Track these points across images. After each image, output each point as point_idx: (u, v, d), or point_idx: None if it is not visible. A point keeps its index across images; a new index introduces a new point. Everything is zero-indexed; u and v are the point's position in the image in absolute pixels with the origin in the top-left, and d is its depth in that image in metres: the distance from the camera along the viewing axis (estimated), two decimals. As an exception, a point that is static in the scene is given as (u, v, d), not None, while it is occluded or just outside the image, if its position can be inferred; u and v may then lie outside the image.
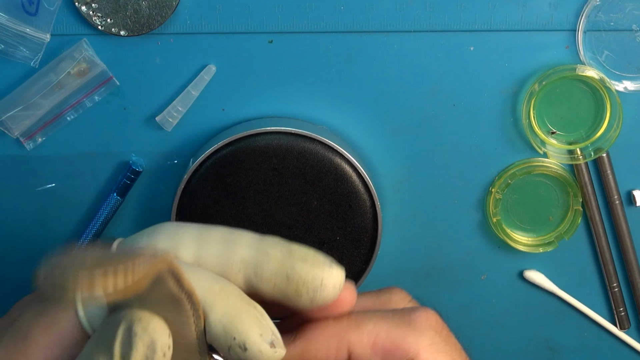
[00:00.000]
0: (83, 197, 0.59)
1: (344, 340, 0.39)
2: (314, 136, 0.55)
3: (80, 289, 0.31)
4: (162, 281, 0.34)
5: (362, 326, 0.39)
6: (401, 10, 0.56)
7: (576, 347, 0.64)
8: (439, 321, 0.40)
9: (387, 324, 0.39)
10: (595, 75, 0.56)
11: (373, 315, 0.40)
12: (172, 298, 0.35)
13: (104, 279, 0.31)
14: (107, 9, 0.55)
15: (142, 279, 0.32)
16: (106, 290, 0.31)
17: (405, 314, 0.40)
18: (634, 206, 0.60)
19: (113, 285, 0.31)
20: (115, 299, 0.31)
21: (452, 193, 0.60)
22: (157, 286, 0.34)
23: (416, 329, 0.39)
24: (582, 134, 0.58)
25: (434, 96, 0.58)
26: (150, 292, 0.34)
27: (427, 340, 0.39)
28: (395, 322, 0.39)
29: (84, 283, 0.31)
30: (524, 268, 0.62)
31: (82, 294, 0.31)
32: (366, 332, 0.39)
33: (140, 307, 0.36)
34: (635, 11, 0.56)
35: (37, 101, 0.56)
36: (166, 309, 0.36)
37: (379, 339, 0.39)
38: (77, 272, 0.31)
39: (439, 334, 0.39)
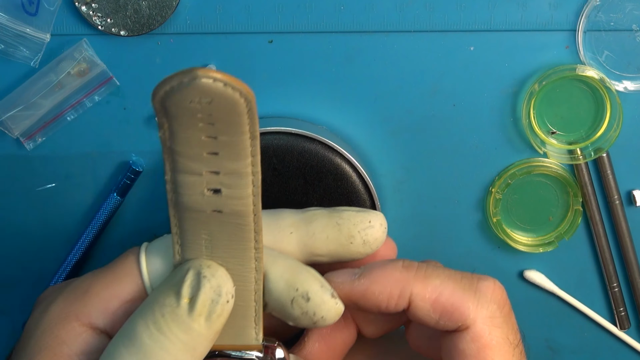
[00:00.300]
0: (83, 197, 0.59)
1: (408, 289, 0.39)
2: (314, 136, 0.55)
3: (203, 71, 0.32)
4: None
5: (429, 280, 0.39)
6: (401, 10, 0.56)
7: (576, 347, 0.64)
8: (504, 296, 0.40)
9: (453, 285, 0.39)
10: (595, 75, 0.56)
11: (442, 272, 0.40)
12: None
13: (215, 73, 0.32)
14: (107, 9, 0.55)
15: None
16: (218, 76, 0.32)
17: (473, 279, 0.40)
18: (634, 206, 0.60)
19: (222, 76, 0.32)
20: (227, 80, 0.32)
21: (452, 193, 0.60)
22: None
23: (480, 298, 0.39)
24: (582, 134, 0.58)
25: (434, 96, 0.58)
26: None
27: (487, 312, 0.39)
28: (461, 285, 0.39)
29: (203, 70, 0.32)
30: (524, 268, 0.62)
31: (204, 73, 0.32)
32: (431, 286, 0.39)
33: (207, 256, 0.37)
34: (635, 11, 0.56)
35: (37, 101, 0.56)
36: (231, 258, 0.37)
37: (442, 297, 0.39)
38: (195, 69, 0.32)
39: (500, 309, 0.39)
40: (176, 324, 0.36)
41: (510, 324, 0.39)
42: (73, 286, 0.40)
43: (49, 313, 0.39)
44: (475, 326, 0.38)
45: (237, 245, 0.37)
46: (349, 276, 0.40)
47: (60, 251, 0.60)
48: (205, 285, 0.36)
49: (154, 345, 0.36)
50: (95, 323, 0.39)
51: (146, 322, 0.36)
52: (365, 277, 0.39)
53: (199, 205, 0.36)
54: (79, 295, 0.39)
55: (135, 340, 0.36)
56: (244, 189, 0.36)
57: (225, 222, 0.37)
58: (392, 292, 0.39)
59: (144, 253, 0.40)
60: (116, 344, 0.36)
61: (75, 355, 0.38)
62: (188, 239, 0.38)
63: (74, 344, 0.38)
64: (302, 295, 0.39)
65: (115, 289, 0.39)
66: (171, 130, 0.34)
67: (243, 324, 0.39)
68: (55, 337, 0.38)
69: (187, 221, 0.37)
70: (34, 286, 0.61)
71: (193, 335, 0.36)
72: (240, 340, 0.39)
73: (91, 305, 0.39)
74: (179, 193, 0.36)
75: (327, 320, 0.39)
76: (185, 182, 0.35)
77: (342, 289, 0.39)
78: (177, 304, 0.36)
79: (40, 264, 0.61)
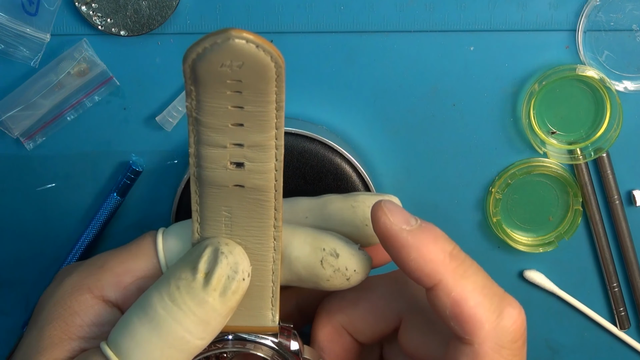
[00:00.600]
0: (83, 197, 0.59)
1: (439, 276, 0.37)
2: (314, 136, 0.55)
3: (236, 31, 0.32)
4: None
5: (464, 281, 0.38)
6: (401, 10, 0.56)
7: (576, 347, 0.64)
8: (522, 330, 0.38)
9: (482, 298, 0.37)
10: (595, 75, 0.56)
11: (479, 278, 0.38)
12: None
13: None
14: (107, 9, 0.55)
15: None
16: (251, 37, 0.32)
17: (504, 301, 0.38)
18: (634, 206, 0.60)
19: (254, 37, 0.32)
20: (257, 41, 0.32)
21: (452, 193, 0.60)
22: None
23: (499, 324, 0.38)
24: (582, 134, 0.58)
25: (434, 96, 0.58)
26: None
27: (499, 341, 0.37)
28: (489, 302, 0.37)
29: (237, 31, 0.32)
30: (524, 268, 0.62)
31: (236, 33, 0.32)
32: (461, 288, 0.37)
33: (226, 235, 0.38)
34: (635, 11, 0.56)
35: (37, 101, 0.56)
36: (250, 236, 0.37)
37: (465, 303, 0.37)
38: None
39: (512, 343, 0.38)
40: (190, 296, 0.36)
41: (518, 358, 0.38)
42: (89, 262, 0.41)
43: (63, 286, 0.40)
44: (482, 348, 0.37)
45: (256, 223, 0.38)
46: (404, 222, 0.38)
47: (60, 251, 0.60)
48: (222, 262, 0.37)
49: (167, 316, 0.36)
50: (107, 296, 0.39)
51: (161, 293, 0.36)
52: (414, 237, 0.38)
53: (222, 179, 0.36)
54: (94, 270, 0.40)
55: (148, 310, 0.36)
56: (267, 162, 0.36)
57: (246, 198, 0.37)
58: (424, 268, 0.38)
59: (161, 234, 0.40)
60: (130, 315, 0.37)
61: (87, 326, 0.39)
62: (208, 217, 0.38)
63: (85, 315, 0.39)
64: (330, 253, 0.39)
65: (130, 265, 0.40)
66: (199, 99, 0.34)
67: (260, 305, 0.39)
68: (68, 307, 0.39)
69: (208, 196, 0.37)
70: (34, 286, 0.61)
71: (207, 309, 0.36)
72: (257, 322, 0.39)
73: (105, 279, 0.39)
74: (202, 167, 0.36)
75: (360, 274, 0.39)
76: (209, 155, 0.36)
77: (389, 227, 0.37)
78: (193, 278, 0.36)
79: (40, 264, 0.61)
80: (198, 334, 0.36)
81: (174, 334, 0.36)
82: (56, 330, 0.38)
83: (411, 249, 0.37)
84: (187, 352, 0.37)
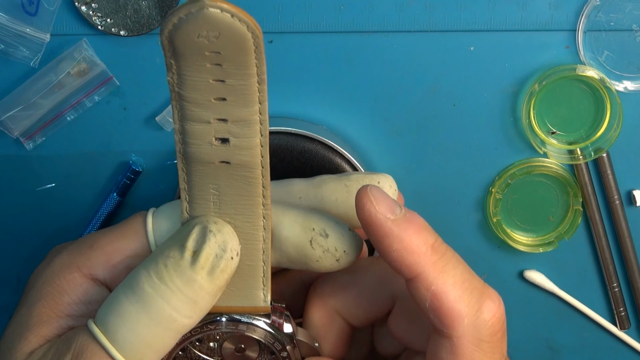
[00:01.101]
0: (83, 197, 0.59)
1: (419, 268, 0.37)
2: (314, 136, 0.55)
3: (210, 0, 0.32)
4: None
5: (444, 274, 0.37)
6: (401, 10, 0.56)
7: (576, 347, 0.64)
8: (501, 322, 0.38)
9: (462, 292, 0.37)
10: (595, 75, 0.56)
11: (460, 272, 0.38)
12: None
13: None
14: (107, 9, 0.55)
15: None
16: (226, 6, 0.32)
17: (483, 295, 0.38)
18: (634, 206, 0.60)
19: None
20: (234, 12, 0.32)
21: (452, 193, 0.60)
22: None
23: (478, 318, 0.37)
24: (582, 134, 0.58)
25: (434, 96, 0.58)
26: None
27: (477, 335, 0.37)
28: (468, 296, 0.37)
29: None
30: (524, 268, 0.62)
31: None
32: (442, 282, 0.37)
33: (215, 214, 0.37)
34: (635, 11, 0.56)
35: (37, 101, 0.56)
36: (239, 215, 0.37)
37: (444, 297, 0.37)
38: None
39: (491, 336, 0.37)
40: (178, 274, 0.36)
41: (497, 350, 0.38)
42: (79, 241, 0.41)
43: (53, 264, 0.40)
44: (461, 342, 0.37)
45: (245, 201, 0.37)
46: (389, 210, 0.37)
47: (60, 251, 0.60)
48: (211, 240, 0.36)
49: (155, 295, 0.36)
50: (96, 275, 0.39)
51: (149, 272, 0.36)
52: (398, 227, 0.37)
53: (207, 155, 0.36)
54: (84, 249, 0.40)
55: (136, 288, 0.36)
56: (252, 138, 0.36)
57: (233, 175, 0.37)
58: (405, 260, 0.37)
59: (151, 214, 0.40)
60: (117, 293, 0.37)
61: (75, 304, 0.39)
62: (196, 195, 0.38)
63: (74, 293, 0.39)
64: (320, 233, 0.39)
65: (119, 244, 0.40)
66: (179, 72, 0.34)
67: (251, 285, 0.39)
68: (57, 286, 0.39)
69: (195, 174, 0.37)
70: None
71: (194, 288, 0.36)
72: (249, 302, 0.39)
73: (94, 258, 0.39)
74: (187, 143, 0.36)
75: (350, 255, 0.39)
76: (193, 131, 0.36)
77: (374, 215, 0.37)
78: (181, 256, 0.36)
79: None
80: (186, 313, 0.36)
81: (161, 312, 0.36)
82: (45, 308, 0.39)
83: (394, 239, 0.37)
84: (174, 331, 0.37)
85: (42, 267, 0.41)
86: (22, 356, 0.38)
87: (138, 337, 0.36)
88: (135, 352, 0.36)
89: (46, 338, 0.38)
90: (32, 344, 0.38)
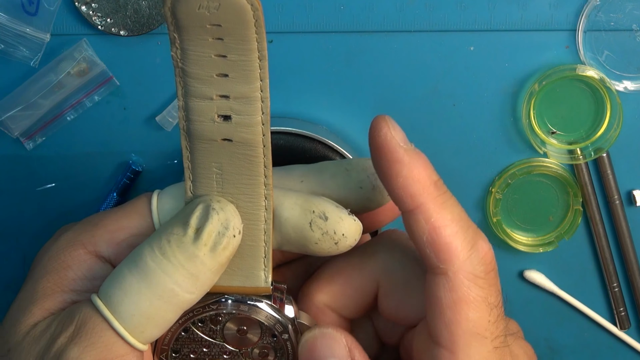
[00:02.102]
0: (83, 197, 0.59)
1: (420, 199, 0.38)
2: (314, 136, 0.55)
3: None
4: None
5: (443, 209, 0.38)
6: (401, 10, 0.56)
7: (576, 347, 0.64)
8: (493, 262, 0.39)
9: (459, 229, 0.38)
10: (595, 75, 0.56)
11: (458, 210, 0.38)
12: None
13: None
14: (107, 9, 0.55)
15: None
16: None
17: (477, 235, 0.38)
18: (634, 206, 0.60)
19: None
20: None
21: (452, 193, 0.60)
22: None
23: (472, 254, 0.38)
24: (582, 134, 0.58)
25: (434, 96, 0.58)
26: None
27: (473, 270, 0.38)
28: (465, 233, 0.38)
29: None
30: (524, 268, 0.62)
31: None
32: (441, 216, 0.38)
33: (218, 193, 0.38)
34: (635, 11, 0.56)
35: (37, 101, 0.56)
36: (241, 194, 0.38)
37: (442, 231, 0.38)
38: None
39: (486, 273, 0.38)
40: (180, 250, 0.37)
41: (493, 286, 0.38)
42: (85, 220, 0.42)
43: (59, 242, 0.41)
44: (457, 277, 0.37)
45: (247, 180, 0.38)
46: (403, 140, 0.39)
47: (60, 251, 0.60)
48: (213, 217, 0.37)
49: (157, 268, 0.37)
50: (100, 251, 0.40)
51: (152, 247, 0.37)
52: (410, 156, 0.38)
53: (210, 133, 0.37)
54: (89, 228, 0.41)
55: (139, 263, 0.37)
56: (254, 115, 0.37)
57: (235, 154, 0.37)
58: (410, 188, 0.38)
59: (156, 194, 0.41)
60: (121, 267, 0.38)
61: (79, 280, 0.40)
62: (199, 174, 0.38)
63: (78, 269, 0.40)
64: (319, 216, 0.39)
65: (124, 222, 0.41)
66: (182, 46, 0.35)
67: (252, 265, 0.40)
68: (62, 262, 0.40)
69: (199, 152, 0.38)
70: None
71: (196, 263, 0.37)
72: (250, 283, 0.40)
73: (99, 235, 0.40)
74: (190, 120, 0.37)
75: (349, 239, 0.39)
76: (196, 107, 0.36)
77: (389, 140, 0.38)
78: (184, 233, 0.37)
79: (40, 264, 0.61)
80: (187, 288, 0.37)
81: (163, 285, 0.37)
82: (49, 283, 0.39)
83: (404, 166, 0.38)
84: (176, 305, 0.37)
85: (48, 244, 0.41)
86: (26, 328, 0.38)
87: (140, 310, 0.37)
88: (137, 324, 0.37)
89: (50, 311, 0.39)
90: (36, 317, 0.39)
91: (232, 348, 0.41)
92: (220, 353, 0.41)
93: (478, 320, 0.38)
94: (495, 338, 0.38)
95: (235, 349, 0.41)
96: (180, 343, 0.41)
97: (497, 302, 0.38)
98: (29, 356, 0.38)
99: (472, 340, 0.37)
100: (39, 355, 0.38)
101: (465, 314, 0.37)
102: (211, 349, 0.41)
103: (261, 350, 0.41)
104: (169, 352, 0.41)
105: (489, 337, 0.38)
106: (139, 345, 0.37)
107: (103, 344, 0.37)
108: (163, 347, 0.41)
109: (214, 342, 0.41)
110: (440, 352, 0.38)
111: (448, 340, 0.38)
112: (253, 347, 0.41)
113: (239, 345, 0.41)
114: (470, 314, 0.37)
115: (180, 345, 0.41)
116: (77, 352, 0.37)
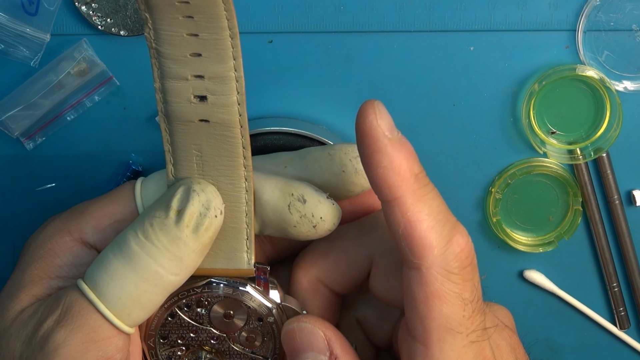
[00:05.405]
0: (83, 197, 0.59)
1: (399, 192, 0.37)
2: (314, 136, 0.55)
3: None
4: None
5: (421, 203, 0.38)
6: (401, 10, 0.56)
7: (576, 347, 0.64)
8: (470, 256, 0.38)
9: (435, 223, 0.37)
10: (595, 75, 0.56)
11: (436, 204, 0.38)
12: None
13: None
14: (107, 9, 0.55)
15: None
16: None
17: (454, 229, 0.38)
18: (634, 206, 0.60)
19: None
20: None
21: (451, 193, 0.60)
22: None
23: (447, 250, 0.37)
24: (582, 134, 0.59)
25: (434, 96, 0.58)
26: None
27: (446, 266, 0.37)
28: (441, 228, 0.37)
29: None
30: (524, 268, 0.62)
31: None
32: (417, 210, 0.37)
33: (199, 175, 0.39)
34: (635, 11, 0.56)
35: (37, 101, 0.56)
36: (222, 176, 0.39)
37: (418, 225, 0.37)
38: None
39: (461, 269, 0.38)
40: (163, 233, 0.37)
41: (468, 282, 0.38)
42: (72, 209, 0.43)
43: (46, 230, 0.42)
44: (430, 273, 0.37)
45: (226, 162, 0.38)
46: (389, 129, 0.38)
47: (60, 251, 0.60)
48: (194, 199, 0.38)
49: (141, 252, 0.37)
50: (86, 238, 0.41)
51: (135, 231, 0.38)
52: (393, 147, 0.37)
53: (187, 114, 0.37)
54: (75, 216, 0.42)
55: (123, 247, 0.38)
56: (229, 95, 0.37)
57: (213, 135, 0.38)
58: (389, 179, 0.38)
59: (140, 181, 0.42)
60: (106, 252, 0.38)
61: (66, 266, 0.40)
62: (180, 156, 0.39)
63: (64, 256, 0.41)
64: (297, 199, 0.40)
65: (109, 209, 0.41)
66: (154, 26, 0.35)
67: (235, 247, 0.40)
68: (48, 249, 0.41)
69: (178, 134, 0.38)
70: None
71: (179, 245, 0.37)
72: (233, 265, 0.40)
73: (84, 222, 0.41)
74: (167, 102, 0.37)
75: (327, 223, 0.40)
76: (172, 88, 0.37)
77: (374, 128, 0.37)
78: (166, 216, 0.37)
79: (40, 263, 0.61)
80: (172, 270, 0.38)
81: (147, 268, 0.37)
82: (37, 270, 0.40)
83: (385, 156, 0.37)
84: (161, 287, 0.38)
85: (36, 233, 0.42)
86: (14, 314, 0.39)
87: (125, 293, 0.37)
88: (123, 307, 0.37)
89: (37, 297, 0.40)
90: (23, 303, 0.39)
91: (220, 333, 0.42)
92: (207, 338, 0.42)
93: (451, 315, 0.37)
94: (471, 332, 0.38)
95: (223, 334, 0.42)
96: (168, 329, 0.41)
97: (472, 297, 0.38)
98: (17, 340, 0.38)
99: (446, 335, 0.37)
100: (27, 339, 0.38)
101: (439, 309, 0.37)
102: (198, 334, 0.42)
103: (249, 334, 0.42)
104: (156, 337, 0.41)
105: (463, 332, 0.38)
106: (125, 328, 0.38)
107: (89, 326, 0.37)
108: (150, 332, 0.41)
109: (201, 327, 0.42)
110: (415, 346, 0.38)
111: (422, 334, 0.38)
112: (240, 331, 0.42)
113: (226, 330, 0.42)
114: (444, 309, 0.37)
115: (168, 331, 0.41)
116: (64, 335, 0.37)
